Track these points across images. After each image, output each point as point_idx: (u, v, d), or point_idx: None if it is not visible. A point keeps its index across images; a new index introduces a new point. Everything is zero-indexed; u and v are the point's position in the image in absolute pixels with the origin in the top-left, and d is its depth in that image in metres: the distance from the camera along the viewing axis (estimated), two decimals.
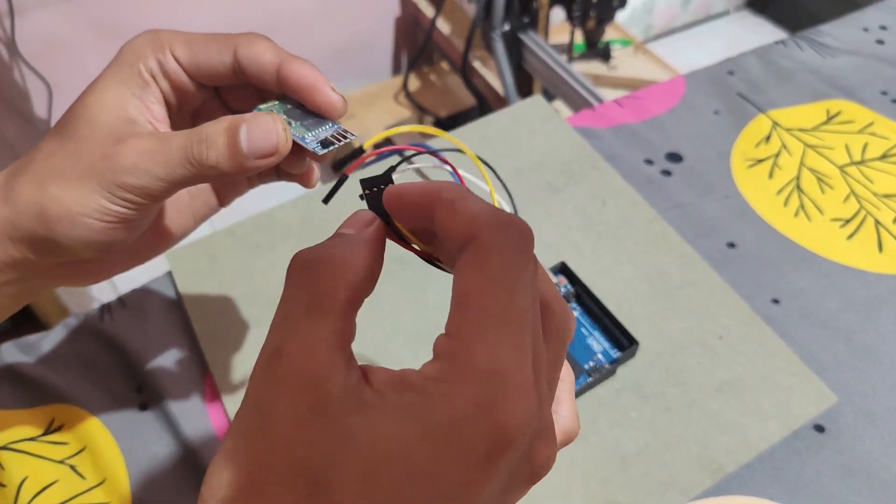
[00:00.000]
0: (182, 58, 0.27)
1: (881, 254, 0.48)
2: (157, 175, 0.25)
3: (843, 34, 0.65)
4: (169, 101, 0.28)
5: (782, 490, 0.37)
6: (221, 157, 0.25)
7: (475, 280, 0.18)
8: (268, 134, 0.25)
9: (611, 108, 0.58)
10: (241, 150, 0.25)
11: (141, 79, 0.27)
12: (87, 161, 0.25)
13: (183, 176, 0.25)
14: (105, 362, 0.42)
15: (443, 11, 1.33)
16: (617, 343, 0.41)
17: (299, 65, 0.27)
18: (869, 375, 0.41)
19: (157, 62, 0.27)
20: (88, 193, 0.25)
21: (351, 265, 0.19)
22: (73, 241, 0.26)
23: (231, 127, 0.25)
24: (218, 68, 0.27)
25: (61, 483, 0.37)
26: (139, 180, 0.25)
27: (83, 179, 0.25)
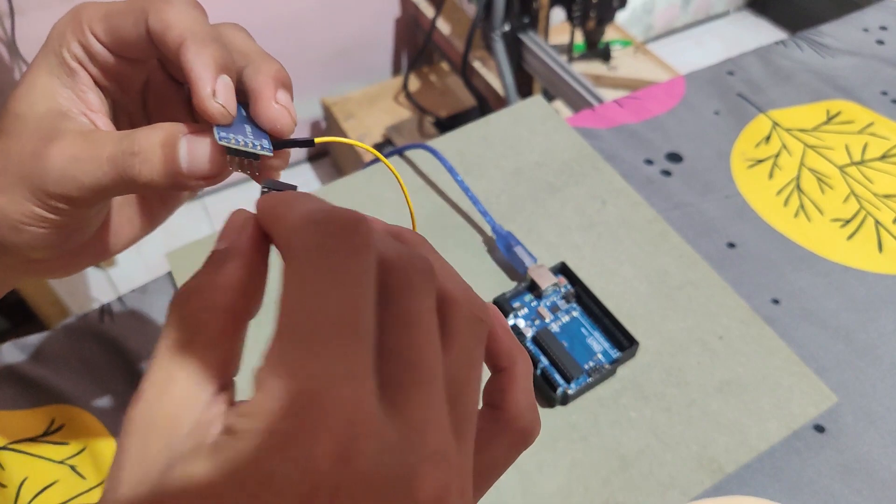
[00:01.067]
0: (102, 35, 0.24)
1: (881, 254, 0.48)
2: (86, 185, 0.22)
3: (843, 34, 0.65)
4: (104, 84, 0.25)
5: (782, 490, 0.37)
6: (157, 174, 0.22)
7: (283, 293, 0.16)
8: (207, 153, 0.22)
9: (611, 109, 0.58)
10: (181, 169, 0.22)
11: (67, 67, 0.24)
12: (17, 162, 0.23)
13: (115, 188, 0.23)
14: (105, 362, 0.42)
15: (443, 12, 1.33)
16: (617, 343, 0.41)
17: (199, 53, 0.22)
18: (869, 375, 0.41)
19: (81, 45, 0.24)
20: (21, 201, 0.23)
21: (221, 287, 0.17)
22: (20, 245, 0.24)
23: (168, 142, 0.22)
24: (138, 42, 0.23)
25: (61, 483, 0.37)
26: (67, 190, 0.23)
27: (15, 186, 0.23)
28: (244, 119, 0.23)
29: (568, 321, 0.42)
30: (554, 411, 0.39)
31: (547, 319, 0.42)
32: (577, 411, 0.39)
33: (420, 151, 0.51)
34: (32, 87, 0.24)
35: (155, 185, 0.22)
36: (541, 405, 0.39)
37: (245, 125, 0.23)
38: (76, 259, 0.28)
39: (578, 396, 0.39)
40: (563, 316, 0.42)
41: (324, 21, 1.39)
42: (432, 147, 0.50)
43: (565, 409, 0.39)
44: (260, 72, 0.23)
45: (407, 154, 0.52)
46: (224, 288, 0.17)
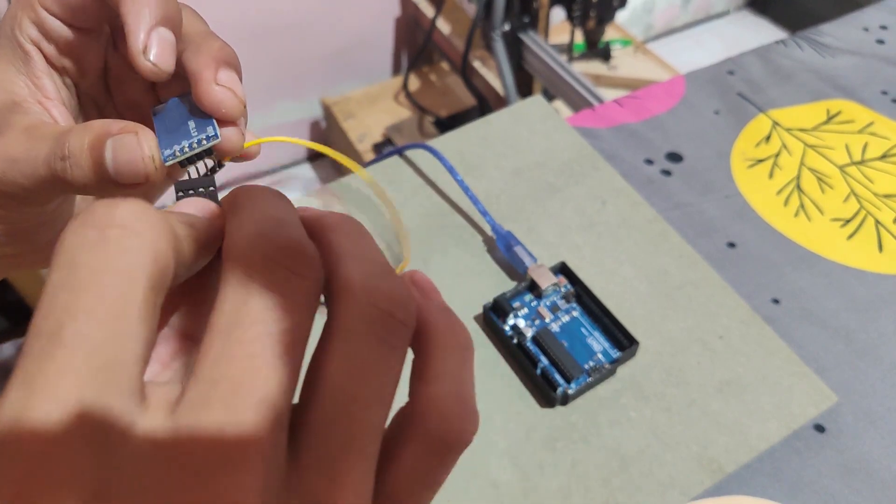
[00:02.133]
0: (53, 6, 0.22)
1: (881, 254, 0.48)
2: (26, 186, 0.21)
3: (844, 34, 0.65)
4: (61, 66, 0.24)
5: (782, 490, 0.37)
6: (88, 179, 0.20)
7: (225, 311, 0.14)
8: (132, 160, 0.20)
9: (611, 108, 0.58)
10: (108, 174, 0.20)
11: (22, 51, 0.23)
12: None
13: (53, 190, 0.22)
14: None
15: (443, 11, 1.33)
16: (617, 343, 0.41)
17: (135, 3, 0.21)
18: (869, 375, 0.41)
19: (33, 23, 0.22)
20: None
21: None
22: None
23: (94, 145, 0.20)
24: (86, 3, 0.22)
25: None
26: (8, 190, 0.22)
27: None
28: (186, 112, 0.22)
29: (568, 321, 0.42)
30: (554, 411, 0.39)
31: (547, 319, 0.42)
32: (577, 411, 0.39)
33: (420, 151, 0.51)
34: None
35: (90, 190, 0.21)
36: (541, 405, 0.39)
37: (189, 120, 0.22)
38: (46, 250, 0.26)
39: (578, 396, 0.39)
40: (563, 316, 0.42)
41: (324, 21, 1.39)
42: (432, 147, 0.50)
43: (565, 409, 0.39)
44: (200, 52, 0.21)
45: (407, 154, 0.52)
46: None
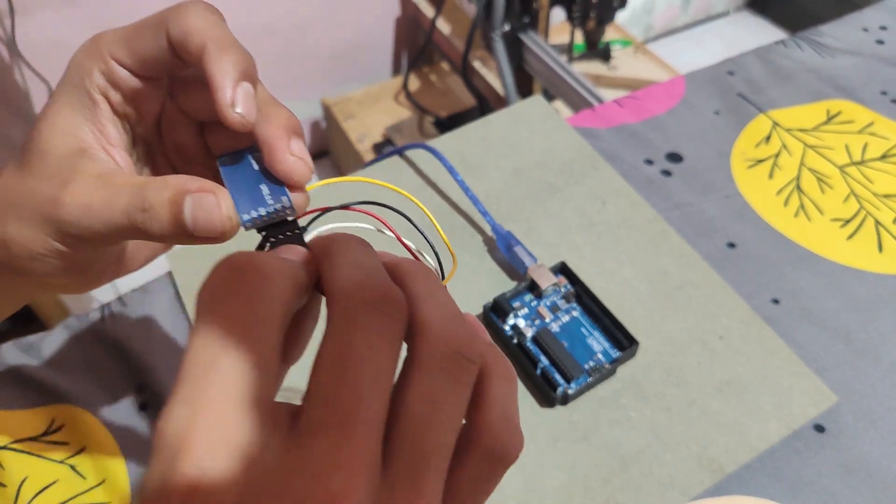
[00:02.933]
0: (124, 58, 0.24)
1: (881, 254, 0.48)
2: (100, 233, 0.23)
3: (843, 34, 0.65)
4: (124, 112, 0.26)
5: (782, 490, 0.37)
6: (166, 231, 0.22)
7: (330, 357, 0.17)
8: (211, 219, 0.22)
9: (611, 108, 0.58)
10: (187, 228, 0.22)
11: (89, 99, 0.25)
12: (38, 203, 0.24)
13: (127, 236, 0.23)
14: (105, 362, 0.42)
15: (443, 12, 1.33)
16: (617, 343, 0.41)
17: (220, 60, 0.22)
18: (869, 375, 0.41)
19: (102, 74, 0.24)
20: (42, 236, 0.24)
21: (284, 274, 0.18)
22: (38, 273, 0.25)
23: (174, 200, 0.22)
24: (160, 56, 0.24)
25: (61, 483, 0.37)
26: (82, 233, 0.23)
27: (35, 222, 0.24)
28: (257, 173, 0.24)
29: (568, 321, 0.42)
30: (554, 411, 0.39)
31: (547, 319, 0.42)
32: (577, 411, 0.39)
33: (420, 151, 0.51)
34: (54, 125, 0.24)
35: (165, 240, 0.23)
36: (541, 405, 0.39)
37: (262, 184, 0.23)
38: (95, 279, 0.28)
39: (578, 396, 0.39)
40: (563, 316, 0.42)
41: (324, 21, 1.39)
42: (432, 147, 0.50)
43: (565, 408, 0.39)
44: (270, 121, 0.23)
45: (407, 154, 0.52)
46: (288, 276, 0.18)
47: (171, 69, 0.25)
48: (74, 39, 1.10)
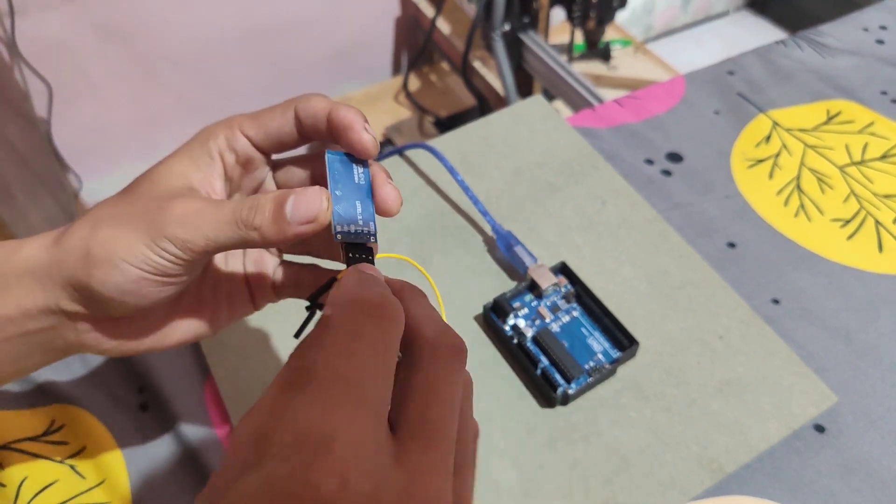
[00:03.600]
0: (251, 132, 0.29)
1: (881, 254, 0.48)
2: (203, 231, 0.25)
3: (843, 34, 0.65)
4: (231, 174, 0.29)
5: (782, 490, 0.37)
6: (265, 221, 0.25)
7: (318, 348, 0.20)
8: (311, 203, 0.26)
9: (611, 108, 0.58)
10: (285, 216, 0.25)
11: (208, 155, 0.28)
12: (141, 210, 0.26)
13: (227, 237, 0.26)
14: (106, 364, 0.42)
15: (443, 11, 1.33)
16: (617, 343, 0.41)
17: (345, 109, 0.28)
18: (869, 375, 0.41)
19: (226, 139, 0.28)
20: (133, 239, 0.25)
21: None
22: (108, 288, 0.26)
23: (280, 196, 0.26)
24: (283, 129, 0.29)
25: (61, 483, 0.37)
26: (184, 233, 0.25)
27: (131, 226, 0.26)
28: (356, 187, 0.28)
29: (568, 321, 0.42)
30: (554, 411, 0.39)
31: (547, 319, 0.42)
32: (577, 411, 0.39)
33: (420, 151, 0.51)
34: (170, 168, 0.28)
35: (263, 232, 0.26)
36: (541, 405, 0.39)
37: (357, 200, 0.27)
38: (132, 340, 0.29)
39: (579, 396, 0.39)
40: (564, 316, 0.42)
41: (324, 21, 1.39)
42: (432, 147, 0.50)
43: (565, 408, 0.39)
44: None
45: (407, 154, 0.52)
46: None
47: (287, 145, 0.29)
48: (74, 40, 1.11)
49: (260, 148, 0.29)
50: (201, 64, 1.31)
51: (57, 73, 1.16)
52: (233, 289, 0.32)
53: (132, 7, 1.18)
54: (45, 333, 0.28)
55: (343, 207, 0.26)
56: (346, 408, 0.18)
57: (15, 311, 0.27)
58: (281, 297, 0.33)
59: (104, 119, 1.29)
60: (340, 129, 0.27)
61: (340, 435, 0.18)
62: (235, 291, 0.32)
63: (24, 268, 0.26)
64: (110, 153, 1.35)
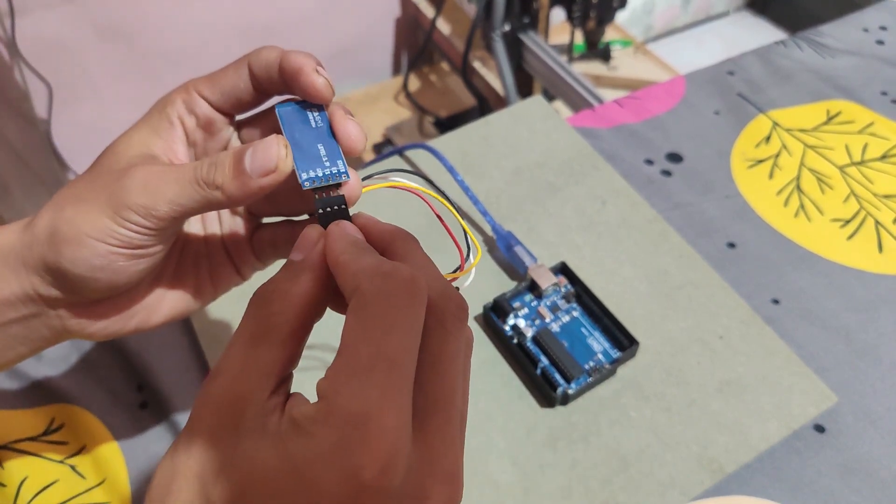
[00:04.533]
0: (207, 93, 0.28)
1: (881, 254, 0.48)
2: (166, 196, 0.25)
3: (843, 34, 0.65)
4: (194, 139, 0.29)
5: (782, 490, 0.37)
6: (226, 178, 0.25)
7: (350, 326, 0.20)
8: (269, 151, 0.25)
9: (611, 109, 0.58)
10: (245, 170, 0.24)
11: (167, 121, 0.28)
12: (102, 183, 0.25)
13: (190, 198, 0.25)
14: (105, 362, 0.42)
15: (443, 11, 1.33)
16: (617, 343, 0.41)
17: (295, 53, 0.27)
18: (869, 375, 0.41)
19: (184, 103, 0.28)
20: (96, 214, 0.25)
21: (295, 295, 0.21)
22: (78, 267, 0.25)
23: (238, 151, 0.25)
24: (238, 86, 0.28)
25: (61, 483, 0.37)
26: (146, 200, 0.25)
27: (93, 201, 0.25)
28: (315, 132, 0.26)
29: (568, 321, 0.42)
30: (554, 411, 0.39)
31: (547, 319, 0.42)
32: (577, 411, 0.39)
33: (420, 151, 0.51)
34: (131, 137, 0.27)
35: (226, 189, 0.25)
36: (541, 405, 0.39)
37: (318, 144, 0.26)
38: (116, 321, 0.29)
39: (579, 396, 0.39)
40: (564, 316, 0.42)
41: (324, 21, 1.39)
42: (432, 147, 0.50)
43: (565, 408, 0.39)
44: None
45: (407, 154, 0.52)
46: (298, 297, 0.21)
47: (243, 104, 0.28)
48: (74, 40, 1.11)
49: (219, 108, 0.28)
50: (201, 63, 1.31)
51: (57, 73, 1.16)
52: (213, 259, 0.31)
53: (132, 7, 1.18)
54: (27, 322, 0.27)
55: (304, 153, 0.25)
56: (389, 392, 0.18)
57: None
58: (264, 261, 0.32)
59: (104, 119, 1.29)
60: (292, 75, 0.26)
61: (383, 420, 0.18)
62: (216, 261, 0.31)
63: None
64: None
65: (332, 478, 0.17)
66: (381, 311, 0.19)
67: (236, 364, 0.20)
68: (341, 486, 0.17)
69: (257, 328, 0.21)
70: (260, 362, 0.20)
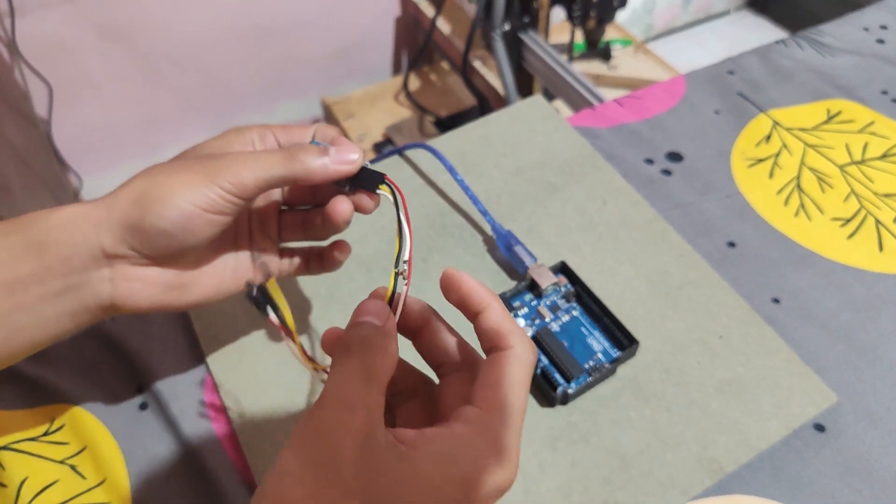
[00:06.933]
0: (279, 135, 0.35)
1: (881, 253, 0.48)
2: (255, 170, 0.30)
3: (844, 34, 0.65)
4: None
5: (782, 490, 0.37)
6: (313, 158, 0.31)
7: (503, 376, 0.25)
8: (351, 149, 0.32)
9: (611, 108, 0.58)
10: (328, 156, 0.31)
11: (243, 140, 0.34)
12: (193, 163, 0.30)
13: (277, 175, 0.30)
14: (105, 362, 0.42)
15: (443, 11, 1.33)
16: (617, 342, 0.41)
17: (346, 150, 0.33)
18: (869, 375, 0.41)
19: (259, 136, 0.34)
20: (191, 178, 0.30)
21: (390, 354, 0.25)
22: (163, 221, 0.29)
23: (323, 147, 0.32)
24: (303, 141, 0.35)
25: (61, 483, 0.37)
26: (238, 172, 0.30)
27: (189, 170, 0.30)
28: None
29: (568, 321, 0.42)
30: (554, 411, 0.39)
31: (547, 319, 0.42)
32: (577, 411, 0.39)
33: (420, 151, 0.51)
34: (210, 143, 0.33)
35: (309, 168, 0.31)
36: (541, 405, 0.39)
37: None
38: (159, 292, 0.32)
39: (578, 396, 0.39)
40: (564, 315, 0.42)
41: (324, 21, 1.39)
42: (432, 146, 0.50)
43: (565, 408, 0.39)
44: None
45: (407, 154, 0.52)
46: (392, 357, 0.25)
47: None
48: (74, 40, 1.11)
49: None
50: (201, 63, 1.31)
51: (57, 73, 1.16)
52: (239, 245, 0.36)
53: (132, 6, 1.18)
54: (78, 292, 0.30)
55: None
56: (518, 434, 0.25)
57: (55, 261, 0.29)
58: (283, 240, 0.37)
59: (104, 119, 1.29)
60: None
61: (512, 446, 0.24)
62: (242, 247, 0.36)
63: (67, 219, 0.29)
64: (110, 153, 1.35)
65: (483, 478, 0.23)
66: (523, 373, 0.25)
67: (366, 401, 0.23)
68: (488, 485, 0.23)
69: (370, 374, 0.24)
70: (378, 403, 0.24)
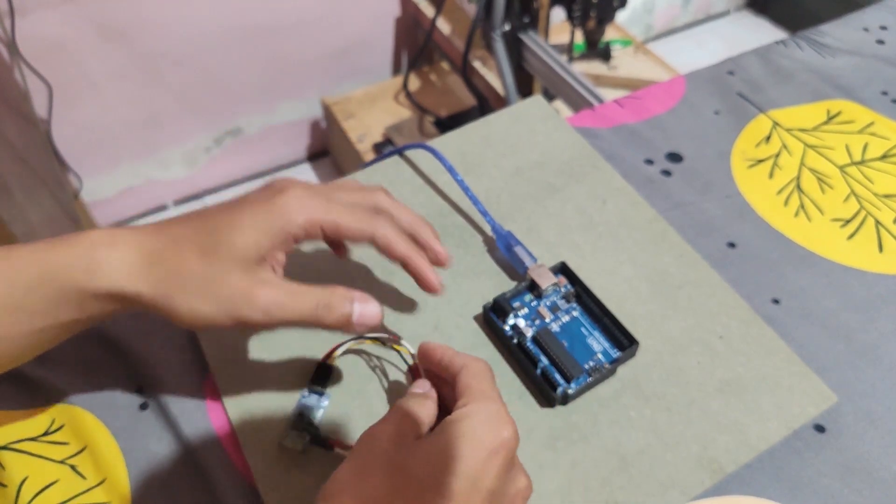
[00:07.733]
0: (329, 233, 0.34)
1: (881, 254, 0.48)
2: (281, 321, 0.32)
3: (844, 34, 0.65)
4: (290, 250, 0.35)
5: (782, 490, 0.37)
6: (335, 322, 0.33)
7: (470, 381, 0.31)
8: (373, 315, 0.34)
9: (611, 108, 0.58)
10: (352, 320, 0.33)
11: (284, 233, 0.33)
12: (228, 293, 0.32)
13: (297, 324, 0.33)
14: (105, 362, 0.42)
15: (443, 11, 1.33)
16: (617, 343, 0.41)
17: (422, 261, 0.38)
18: (869, 375, 0.41)
19: (305, 232, 0.34)
20: (216, 312, 0.32)
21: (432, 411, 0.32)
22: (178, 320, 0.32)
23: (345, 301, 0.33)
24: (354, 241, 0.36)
25: (61, 483, 0.37)
26: (264, 321, 0.32)
27: (220, 305, 0.31)
28: None
29: (568, 321, 0.42)
30: (554, 411, 0.39)
31: (547, 319, 0.42)
32: (577, 411, 0.39)
33: (420, 151, 0.51)
34: (244, 231, 0.32)
35: (331, 328, 0.33)
36: (541, 405, 0.39)
37: None
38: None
39: (578, 396, 0.39)
40: (563, 316, 0.42)
41: (324, 21, 1.39)
42: (432, 147, 0.50)
43: (565, 408, 0.39)
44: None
45: (407, 154, 0.52)
46: (434, 410, 0.32)
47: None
48: (74, 40, 1.11)
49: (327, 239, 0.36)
50: (201, 63, 1.31)
51: (57, 73, 1.16)
52: None
53: (132, 6, 1.18)
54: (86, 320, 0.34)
55: None
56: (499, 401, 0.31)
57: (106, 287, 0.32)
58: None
59: (104, 119, 1.29)
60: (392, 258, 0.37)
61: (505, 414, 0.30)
62: None
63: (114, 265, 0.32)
64: (110, 153, 1.35)
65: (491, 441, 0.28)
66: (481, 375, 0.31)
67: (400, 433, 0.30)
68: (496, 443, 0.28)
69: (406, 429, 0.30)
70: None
